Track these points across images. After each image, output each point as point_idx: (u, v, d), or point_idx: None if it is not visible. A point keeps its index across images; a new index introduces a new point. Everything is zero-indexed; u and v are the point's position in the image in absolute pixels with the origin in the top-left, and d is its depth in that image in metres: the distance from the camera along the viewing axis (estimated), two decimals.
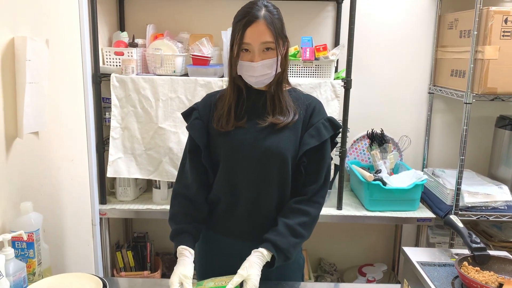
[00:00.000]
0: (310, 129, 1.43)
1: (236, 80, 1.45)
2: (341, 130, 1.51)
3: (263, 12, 1.34)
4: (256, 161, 1.41)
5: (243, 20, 1.34)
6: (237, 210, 1.46)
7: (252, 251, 1.36)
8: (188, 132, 1.54)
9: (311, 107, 1.46)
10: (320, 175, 1.44)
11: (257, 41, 1.35)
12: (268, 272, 1.49)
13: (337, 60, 2.53)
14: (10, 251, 1.25)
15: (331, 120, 1.46)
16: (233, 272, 1.51)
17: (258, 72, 1.38)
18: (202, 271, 1.59)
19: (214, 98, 1.52)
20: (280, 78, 1.44)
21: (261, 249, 1.36)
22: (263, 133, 1.41)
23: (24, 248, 1.35)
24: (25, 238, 1.31)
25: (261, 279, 1.48)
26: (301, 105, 1.46)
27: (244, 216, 1.45)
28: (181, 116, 2.20)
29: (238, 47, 1.37)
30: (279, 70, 1.41)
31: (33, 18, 1.55)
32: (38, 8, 1.60)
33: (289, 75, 1.54)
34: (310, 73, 2.28)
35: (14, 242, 1.33)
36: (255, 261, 1.33)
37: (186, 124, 2.20)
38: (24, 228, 1.32)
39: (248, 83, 1.44)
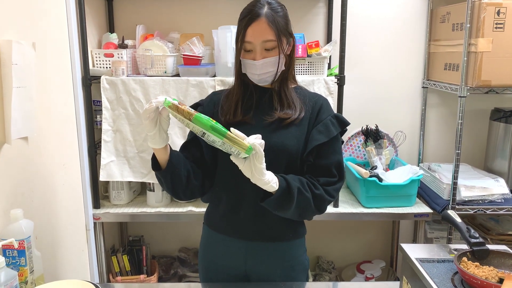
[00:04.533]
0: (318, 125, 1.41)
1: (242, 77, 1.45)
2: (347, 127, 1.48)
3: (265, 10, 1.33)
4: None
5: (245, 19, 1.35)
6: (242, 210, 1.43)
7: None
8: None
9: (318, 104, 1.45)
10: (331, 171, 1.41)
11: (258, 40, 1.34)
12: (272, 274, 1.47)
13: (330, 57, 2.50)
14: (1, 259, 1.22)
15: (338, 117, 1.45)
16: (237, 272, 1.49)
17: (260, 70, 1.37)
18: (206, 272, 1.56)
19: (219, 96, 1.52)
20: (285, 74, 1.43)
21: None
22: (270, 130, 1.40)
23: (15, 256, 1.32)
24: (16, 246, 1.29)
25: (265, 280, 1.47)
26: (307, 103, 1.45)
27: (250, 216, 1.42)
28: (173, 117, 2.20)
29: (240, 44, 1.37)
30: (282, 68, 1.41)
31: (18, 21, 1.52)
32: (24, 10, 1.56)
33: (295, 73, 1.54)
34: (302, 70, 2.26)
35: (4, 251, 1.30)
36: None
37: (178, 126, 2.21)
38: (15, 236, 1.30)
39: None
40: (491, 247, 1.30)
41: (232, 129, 1.20)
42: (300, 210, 1.36)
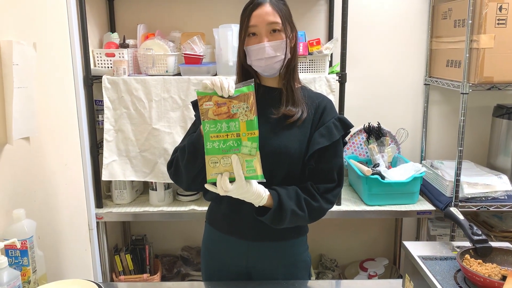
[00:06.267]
0: (320, 128, 1.40)
1: (245, 72, 1.43)
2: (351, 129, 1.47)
3: None
4: (263, 160, 1.37)
5: (249, 7, 1.35)
6: (243, 211, 1.42)
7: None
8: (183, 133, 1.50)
9: (321, 106, 1.43)
10: (331, 175, 1.40)
11: (263, 23, 1.34)
12: (275, 272, 1.47)
13: (331, 54, 2.50)
14: (3, 259, 1.22)
15: (342, 120, 1.43)
16: (239, 270, 1.50)
17: (267, 54, 1.35)
18: (208, 270, 1.56)
19: None
20: (291, 66, 1.41)
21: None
22: (272, 132, 1.38)
23: (18, 256, 1.32)
24: (18, 246, 1.29)
25: (268, 278, 1.47)
26: (310, 104, 1.43)
27: (251, 216, 1.41)
28: (175, 116, 2.21)
29: (245, 32, 1.36)
30: (288, 55, 1.39)
31: (19, 21, 1.52)
32: (24, 10, 1.56)
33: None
34: (304, 68, 2.25)
35: (7, 251, 1.31)
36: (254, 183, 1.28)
37: (179, 125, 2.21)
38: (17, 236, 1.30)
39: (259, 73, 1.41)
40: (493, 244, 1.30)
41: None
42: (293, 224, 1.40)
